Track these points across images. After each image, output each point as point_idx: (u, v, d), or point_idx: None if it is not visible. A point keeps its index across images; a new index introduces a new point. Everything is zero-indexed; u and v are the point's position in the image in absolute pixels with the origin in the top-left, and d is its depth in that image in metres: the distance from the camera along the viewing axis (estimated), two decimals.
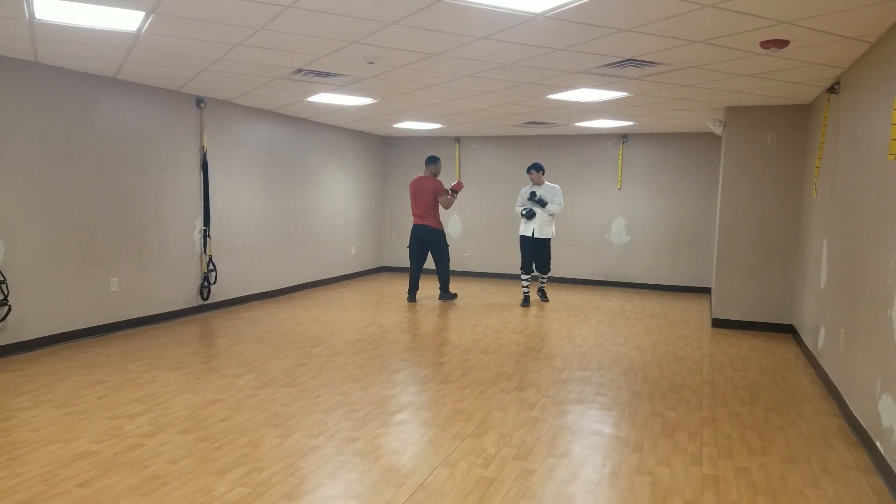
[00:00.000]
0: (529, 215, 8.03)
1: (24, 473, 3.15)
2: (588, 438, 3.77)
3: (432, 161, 8.30)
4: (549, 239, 8.17)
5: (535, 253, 8.16)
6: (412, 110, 7.78)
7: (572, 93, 6.24)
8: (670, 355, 5.81)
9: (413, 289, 8.38)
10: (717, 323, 7.17)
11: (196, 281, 7.19)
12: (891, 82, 3.61)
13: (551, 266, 8.12)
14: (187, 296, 7.09)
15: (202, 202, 7.19)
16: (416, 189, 8.20)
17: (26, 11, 3.94)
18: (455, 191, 8.28)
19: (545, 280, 8.50)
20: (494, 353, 5.74)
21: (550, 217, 8.08)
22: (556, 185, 8.23)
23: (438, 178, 8.35)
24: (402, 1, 3.54)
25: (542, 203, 8.01)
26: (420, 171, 11.12)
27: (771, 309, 6.98)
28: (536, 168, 8.09)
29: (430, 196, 8.13)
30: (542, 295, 8.51)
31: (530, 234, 8.06)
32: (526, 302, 8.21)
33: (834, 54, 4.42)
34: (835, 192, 5.03)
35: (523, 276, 8.30)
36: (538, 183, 8.11)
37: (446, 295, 8.49)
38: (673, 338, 6.54)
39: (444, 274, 8.45)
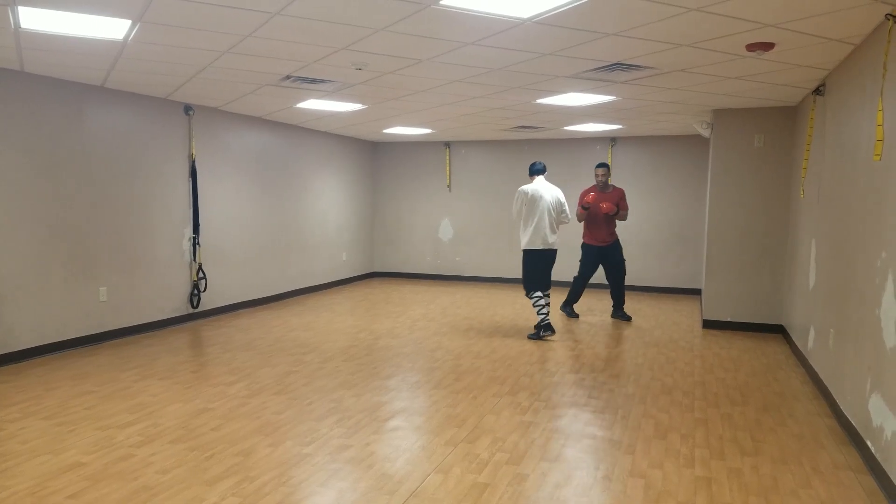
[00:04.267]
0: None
1: (12, 486, 3.11)
2: (581, 442, 3.78)
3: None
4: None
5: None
6: (402, 116, 7.78)
7: (561, 97, 6.27)
8: (661, 357, 5.83)
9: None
10: (708, 324, 7.20)
11: (186, 289, 7.15)
12: (875, 83, 3.65)
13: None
14: (177, 304, 7.05)
15: (191, 210, 7.16)
16: None
17: (11, 20, 3.91)
18: (585, 207, 7.41)
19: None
20: (486, 357, 5.74)
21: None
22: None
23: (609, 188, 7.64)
24: (390, 7, 3.54)
25: None
26: (410, 175, 11.22)
27: (761, 309, 7.01)
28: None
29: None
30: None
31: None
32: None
33: (819, 56, 4.46)
34: (822, 193, 5.07)
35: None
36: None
37: (567, 307, 7.89)
38: (664, 339, 6.56)
39: (573, 285, 7.86)
